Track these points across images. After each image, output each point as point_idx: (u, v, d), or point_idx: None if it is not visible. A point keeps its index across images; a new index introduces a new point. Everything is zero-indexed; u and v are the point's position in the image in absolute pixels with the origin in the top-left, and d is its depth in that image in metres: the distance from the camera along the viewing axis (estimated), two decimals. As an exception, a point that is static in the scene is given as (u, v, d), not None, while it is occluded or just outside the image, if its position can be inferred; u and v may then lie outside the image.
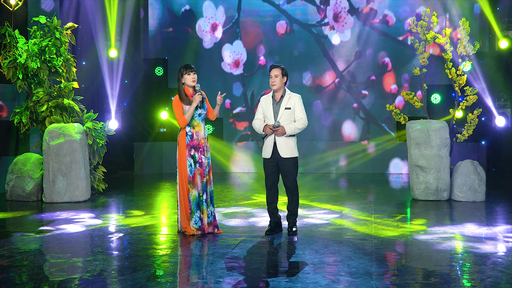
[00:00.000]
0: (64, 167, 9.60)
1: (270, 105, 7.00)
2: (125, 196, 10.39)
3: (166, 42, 14.24)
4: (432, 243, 6.52)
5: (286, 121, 6.93)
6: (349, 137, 13.91)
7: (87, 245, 6.67)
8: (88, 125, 10.24)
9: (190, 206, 6.93)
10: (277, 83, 6.93)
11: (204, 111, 7.05)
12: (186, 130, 6.98)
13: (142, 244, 6.59)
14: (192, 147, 6.95)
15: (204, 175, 6.95)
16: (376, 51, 13.75)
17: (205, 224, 6.96)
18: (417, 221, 7.88)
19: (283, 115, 6.92)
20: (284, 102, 6.97)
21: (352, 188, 11.45)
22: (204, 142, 7.00)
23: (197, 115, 7.00)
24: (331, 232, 7.19)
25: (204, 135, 7.02)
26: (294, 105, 6.96)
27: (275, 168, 6.99)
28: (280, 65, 7.00)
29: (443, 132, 9.55)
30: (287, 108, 6.93)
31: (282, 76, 6.95)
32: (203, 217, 6.94)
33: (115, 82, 13.30)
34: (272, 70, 6.97)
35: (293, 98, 6.99)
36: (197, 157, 6.95)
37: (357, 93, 13.83)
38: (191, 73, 7.01)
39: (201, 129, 7.01)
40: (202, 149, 6.97)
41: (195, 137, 6.98)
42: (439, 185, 9.48)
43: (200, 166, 6.95)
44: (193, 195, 6.93)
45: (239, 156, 14.08)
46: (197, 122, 7.01)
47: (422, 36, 10.22)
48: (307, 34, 13.95)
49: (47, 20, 10.16)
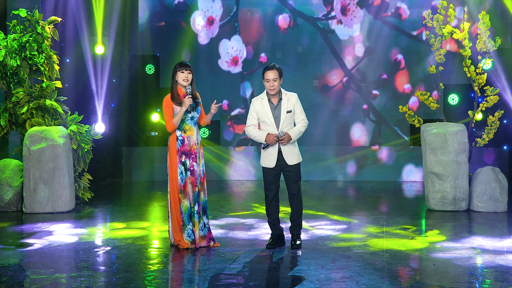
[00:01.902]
0: (46, 174, 9.61)
1: (268, 110, 6.96)
2: (112, 206, 10.40)
3: (157, 37, 14.26)
4: (449, 258, 6.53)
5: (288, 125, 6.95)
6: (358, 142, 13.92)
7: (71, 260, 6.68)
8: (72, 129, 10.26)
9: (182, 217, 6.93)
10: (276, 87, 6.91)
11: (197, 114, 7.06)
12: (177, 134, 7.00)
13: (131, 258, 6.60)
14: (183, 153, 6.97)
15: (196, 184, 6.97)
16: (388, 47, 13.78)
17: (197, 238, 6.97)
18: (433, 233, 7.89)
19: (285, 120, 6.93)
20: (284, 105, 6.95)
21: (361, 198, 11.45)
22: (196, 148, 7.01)
23: (189, 119, 7.01)
24: (338, 245, 7.20)
25: (196, 140, 7.03)
26: (294, 106, 6.98)
27: (277, 177, 7.01)
28: (275, 65, 6.94)
29: (461, 136, 9.57)
30: (288, 112, 6.93)
31: (279, 78, 6.94)
32: (194, 230, 6.95)
33: (102, 81, 13.33)
34: (267, 73, 6.90)
35: (291, 99, 6.99)
36: (188, 164, 6.96)
37: (367, 93, 13.85)
38: (184, 71, 7.01)
39: (194, 134, 7.02)
40: (194, 155, 6.98)
41: (186, 142, 6.99)
42: (456, 194, 9.49)
43: (192, 174, 6.97)
44: (184, 206, 6.94)
45: (238, 162, 14.10)
46: (189, 126, 7.02)
47: (438, 31, 10.25)
48: (312, 29, 13.97)
49: (27, 13, 10.19)
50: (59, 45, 12.10)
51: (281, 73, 6.98)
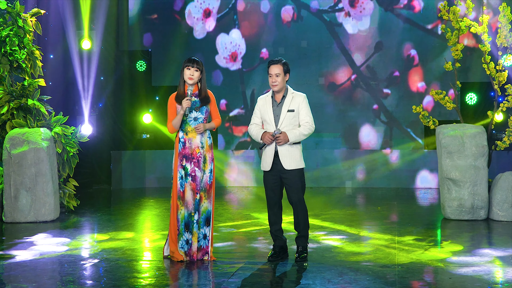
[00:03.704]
0: (28, 180, 9.62)
1: (270, 107, 7.00)
2: (100, 215, 10.41)
3: (149, 31, 14.28)
4: (467, 271, 6.54)
5: (289, 125, 6.95)
6: (368, 145, 13.94)
7: (56, 273, 6.69)
8: (56, 131, 10.27)
9: (179, 226, 6.95)
10: (279, 83, 6.94)
11: (202, 114, 7.02)
12: (179, 136, 7.01)
13: (121, 272, 6.61)
14: (183, 157, 6.97)
15: (198, 191, 6.96)
16: (400, 42, 13.80)
17: (194, 250, 6.95)
18: (449, 244, 7.89)
19: (286, 119, 6.94)
20: (286, 103, 6.97)
21: (371, 206, 11.46)
22: (200, 151, 6.97)
23: (191, 119, 6.99)
24: (346, 258, 7.21)
25: (200, 143, 7.00)
26: (299, 107, 6.97)
27: (277, 182, 7.01)
28: (280, 60, 6.99)
29: (480, 139, 9.58)
30: (290, 111, 6.94)
31: (284, 73, 6.97)
32: (193, 240, 6.94)
33: (89, 79, 13.34)
34: (271, 68, 6.95)
35: (297, 98, 7.00)
36: (189, 169, 6.96)
37: (377, 92, 13.87)
38: (191, 68, 6.99)
39: (196, 136, 7.00)
40: (196, 160, 6.95)
41: (188, 145, 6.99)
42: (475, 202, 9.50)
43: (193, 180, 6.94)
44: (181, 214, 6.94)
45: (237, 167, 14.11)
46: (191, 128, 7.03)
47: (455, 24, 10.27)
48: (318, 22, 14.00)
49: (7, 5, 10.21)
50: (42, 39, 12.12)
51: (287, 68, 6.99)
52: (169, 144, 13.80)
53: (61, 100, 12.67)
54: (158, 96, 14.13)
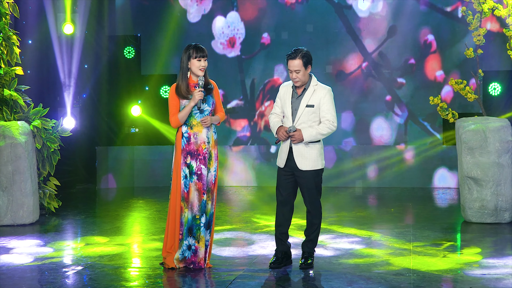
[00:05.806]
0: (4, 179, 9.64)
1: (289, 99, 6.99)
2: (84, 218, 10.42)
3: (138, 14, 14.28)
4: (488, 280, 6.55)
5: (308, 122, 6.92)
6: (380, 140, 13.95)
7: (35, 282, 6.70)
8: (36, 124, 10.28)
9: (181, 230, 6.90)
10: (300, 79, 6.89)
11: (208, 107, 6.97)
12: (182, 130, 6.93)
13: (107, 280, 6.63)
14: (188, 153, 6.91)
15: (204, 191, 6.93)
16: (416, 27, 13.79)
17: (200, 257, 6.89)
18: (470, 250, 7.91)
19: (303, 115, 6.91)
20: (306, 97, 6.93)
21: (384, 207, 11.48)
22: (206, 147, 6.92)
23: (197, 112, 6.95)
24: (356, 264, 7.23)
25: (206, 138, 6.95)
26: (320, 101, 6.94)
27: (291, 180, 7.01)
28: (299, 51, 6.87)
29: (504, 134, 9.59)
30: (308, 106, 6.91)
31: (305, 67, 6.90)
32: (198, 246, 6.90)
33: (72, 67, 13.35)
34: (289, 63, 6.88)
35: (319, 92, 6.96)
36: (195, 167, 6.92)
37: (391, 82, 13.87)
38: (201, 59, 6.98)
39: (202, 131, 6.96)
40: (203, 156, 6.91)
41: (193, 140, 6.93)
42: (498, 203, 9.52)
43: (199, 180, 6.89)
44: (185, 217, 6.88)
45: (235, 164, 14.12)
46: (197, 121, 7.00)
47: (477, 7, 10.27)
48: (325, 4, 13.99)
49: (-18, -15, 10.22)
50: (19, 23, 12.12)
51: (307, 60, 6.89)
52: (160, 139, 13.82)
53: (41, 91, 12.67)
54: (148, 86, 14.13)
